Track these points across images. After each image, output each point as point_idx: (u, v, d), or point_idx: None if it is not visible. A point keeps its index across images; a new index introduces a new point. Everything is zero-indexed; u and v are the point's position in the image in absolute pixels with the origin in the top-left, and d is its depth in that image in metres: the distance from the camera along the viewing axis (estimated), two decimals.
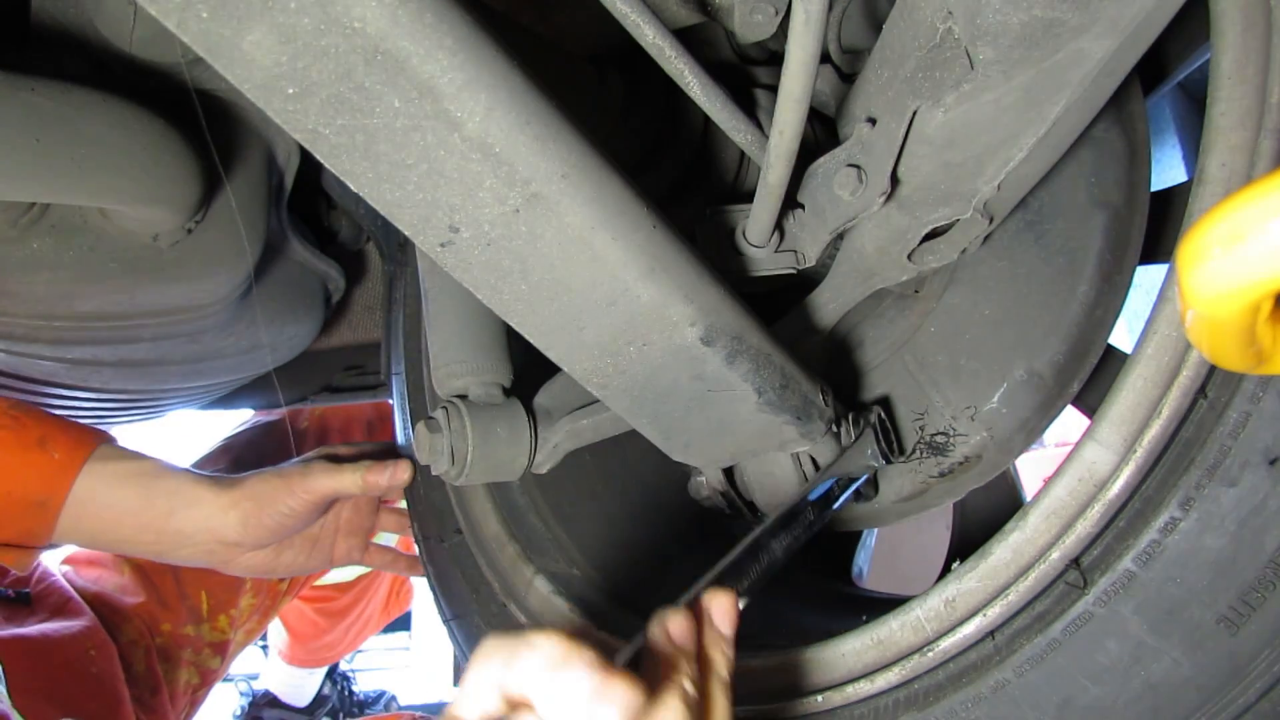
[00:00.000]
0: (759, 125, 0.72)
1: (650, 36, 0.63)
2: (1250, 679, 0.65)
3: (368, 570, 2.21)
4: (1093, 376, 0.92)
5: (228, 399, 1.72)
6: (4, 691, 1.21)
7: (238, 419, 1.95)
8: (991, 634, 0.76)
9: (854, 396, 1.02)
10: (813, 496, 0.83)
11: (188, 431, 2.04)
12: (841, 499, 0.85)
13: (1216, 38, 0.70)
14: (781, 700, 0.85)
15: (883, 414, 0.94)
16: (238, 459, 1.76)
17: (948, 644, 0.78)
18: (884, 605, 0.86)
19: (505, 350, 0.97)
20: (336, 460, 1.33)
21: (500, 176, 0.54)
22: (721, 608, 0.69)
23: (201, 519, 1.21)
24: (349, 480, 1.25)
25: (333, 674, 2.76)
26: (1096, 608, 0.70)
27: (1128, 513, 0.71)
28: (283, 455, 1.37)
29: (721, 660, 0.67)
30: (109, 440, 1.23)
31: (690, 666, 0.63)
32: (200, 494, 1.22)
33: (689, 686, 0.61)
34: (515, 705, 0.58)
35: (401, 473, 1.28)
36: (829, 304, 0.91)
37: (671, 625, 0.65)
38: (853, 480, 0.87)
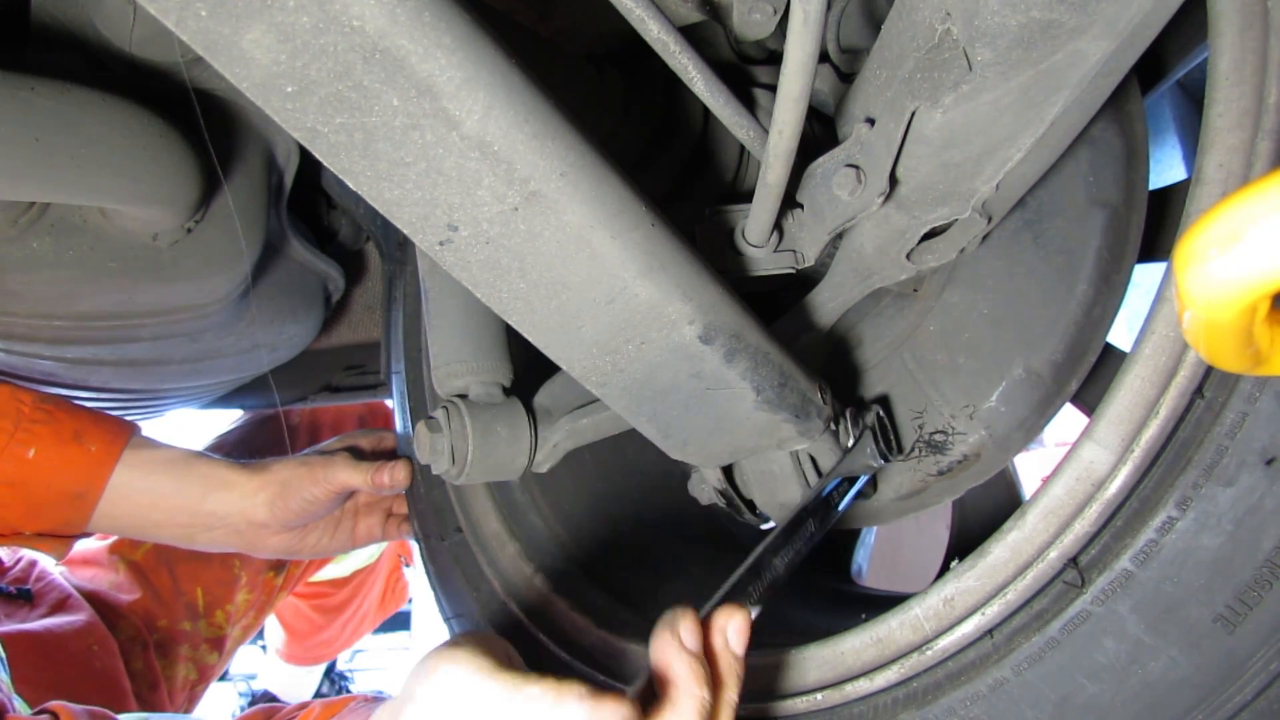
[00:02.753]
0: (760, 123, 0.72)
1: (655, 31, 0.63)
2: (1247, 677, 0.65)
3: (363, 565, 2.21)
4: (1091, 375, 0.92)
5: (228, 398, 1.72)
6: (7, 680, 1.22)
7: (233, 416, 1.95)
8: (990, 632, 0.76)
9: (853, 395, 1.02)
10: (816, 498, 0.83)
11: (187, 430, 2.04)
12: (845, 502, 0.85)
13: (1214, 39, 0.70)
14: (781, 698, 0.86)
15: (881, 413, 0.94)
16: (230, 456, 1.77)
17: (946, 642, 0.78)
18: (883, 603, 0.86)
19: (505, 350, 0.97)
20: (359, 452, 1.41)
21: (499, 175, 0.54)
22: (736, 626, 0.68)
23: (234, 500, 1.28)
24: (361, 477, 1.32)
25: (330, 673, 2.76)
26: (1094, 606, 0.70)
27: (1125, 512, 0.71)
28: (275, 450, 1.39)
29: (733, 681, 0.66)
30: (138, 431, 1.28)
31: (703, 683, 0.63)
32: (230, 477, 1.29)
33: (703, 696, 0.62)
34: None
35: (399, 473, 1.32)
36: (828, 303, 0.91)
37: (684, 632, 0.65)
38: (853, 481, 0.87)
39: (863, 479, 0.88)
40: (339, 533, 1.43)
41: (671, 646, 0.64)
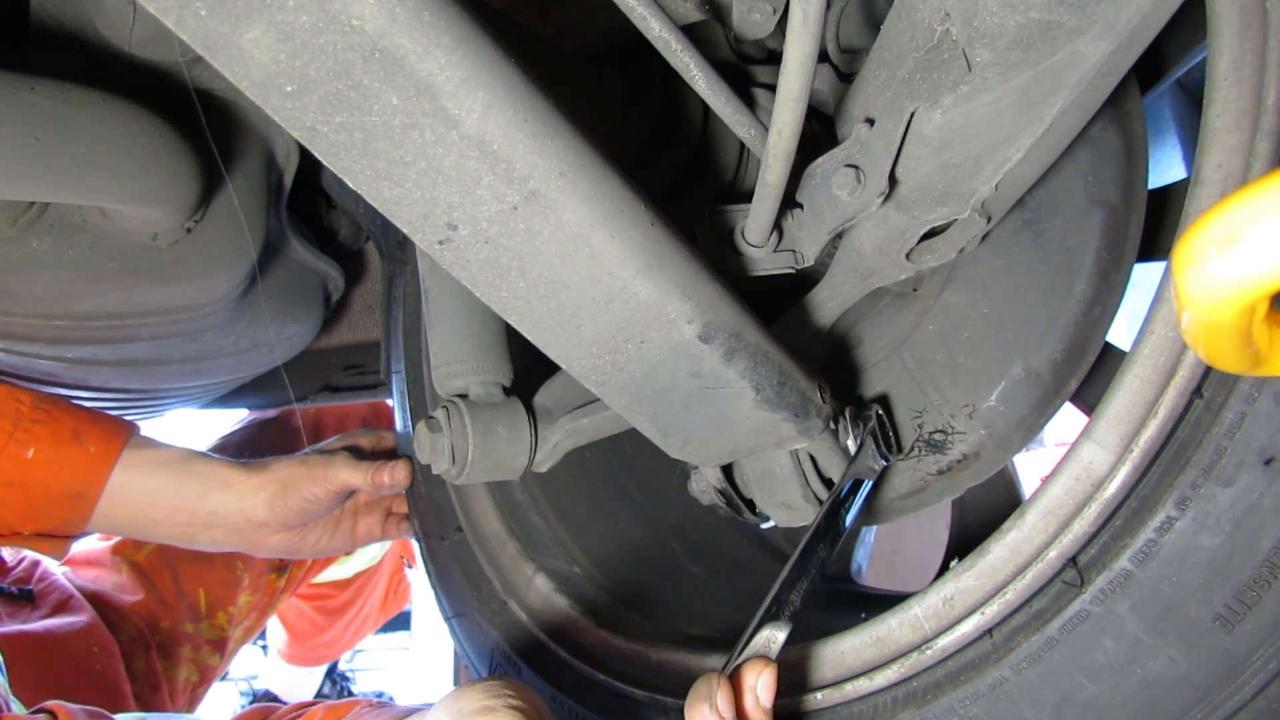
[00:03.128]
0: (760, 122, 0.72)
1: (657, 30, 0.63)
2: (1246, 677, 0.65)
3: (366, 567, 2.21)
4: (1091, 375, 0.92)
5: (228, 398, 1.72)
6: (4, 683, 1.22)
7: (234, 417, 1.95)
8: (989, 632, 0.76)
9: (852, 394, 1.02)
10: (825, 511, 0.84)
11: (187, 430, 2.04)
12: (851, 517, 0.85)
13: (1213, 39, 0.70)
14: (781, 698, 0.85)
15: (881, 412, 0.94)
16: (233, 457, 1.77)
17: (946, 642, 0.78)
18: (883, 603, 0.86)
19: (505, 349, 0.97)
20: (359, 451, 1.41)
21: (498, 174, 0.55)
22: (765, 683, 0.71)
23: (233, 499, 1.28)
24: (361, 477, 1.32)
25: (332, 673, 2.76)
26: (1093, 606, 0.70)
27: (1124, 512, 0.71)
28: (278, 451, 1.39)
29: None
30: (137, 430, 1.27)
31: None
32: (230, 476, 1.29)
33: None
34: None
35: (399, 473, 1.32)
36: (827, 303, 0.91)
37: (721, 703, 0.67)
38: (858, 490, 0.87)
39: (866, 488, 0.87)
40: (339, 532, 1.43)
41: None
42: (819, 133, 1.01)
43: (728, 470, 0.97)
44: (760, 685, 0.70)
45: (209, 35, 0.46)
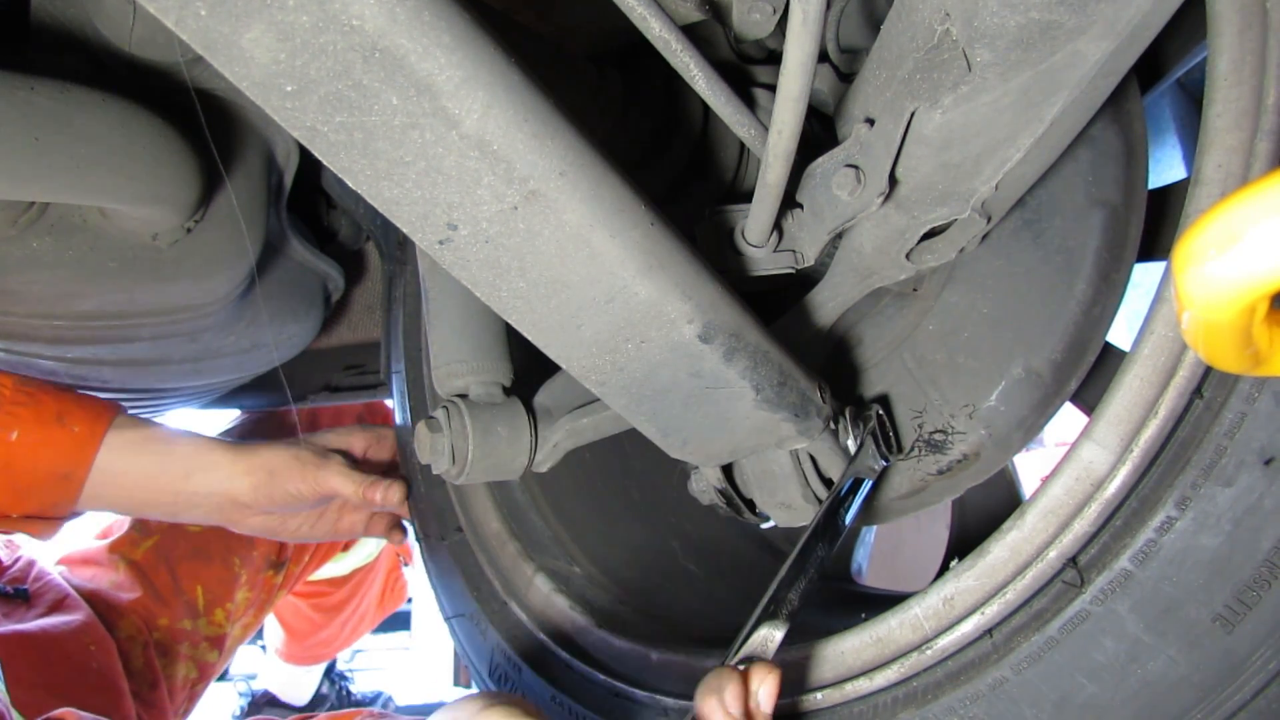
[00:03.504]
0: (760, 122, 0.72)
1: (657, 30, 0.63)
2: (1246, 677, 0.65)
3: (362, 564, 2.21)
4: (1091, 374, 0.92)
5: (228, 398, 1.72)
6: (4, 691, 1.21)
7: (233, 417, 1.96)
8: (989, 632, 0.76)
9: (852, 394, 1.02)
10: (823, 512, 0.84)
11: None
12: (850, 517, 0.85)
13: (1213, 39, 0.70)
14: (781, 697, 0.85)
15: (881, 412, 0.94)
16: None
17: (946, 642, 0.78)
18: (883, 603, 0.86)
19: (505, 349, 0.97)
20: (352, 459, 1.42)
21: (498, 174, 0.54)
22: (767, 690, 0.72)
23: (216, 481, 1.30)
24: (353, 489, 1.34)
25: (330, 673, 2.76)
26: (1093, 606, 0.70)
27: (1124, 512, 0.71)
28: None
29: None
30: (122, 411, 1.28)
31: None
32: (216, 458, 1.31)
33: None
34: None
35: (393, 494, 1.34)
36: (828, 302, 0.91)
37: (729, 698, 0.70)
38: (857, 490, 0.87)
39: (866, 488, 0.88)
40: (321, 523, 1.46)
41: (719, 713, 0.70)
42: (819, 133, 1.01)
43: (728, 470, 0.97)
44: (762, 692, 0.72)
45: (209, 35, 0.46)
